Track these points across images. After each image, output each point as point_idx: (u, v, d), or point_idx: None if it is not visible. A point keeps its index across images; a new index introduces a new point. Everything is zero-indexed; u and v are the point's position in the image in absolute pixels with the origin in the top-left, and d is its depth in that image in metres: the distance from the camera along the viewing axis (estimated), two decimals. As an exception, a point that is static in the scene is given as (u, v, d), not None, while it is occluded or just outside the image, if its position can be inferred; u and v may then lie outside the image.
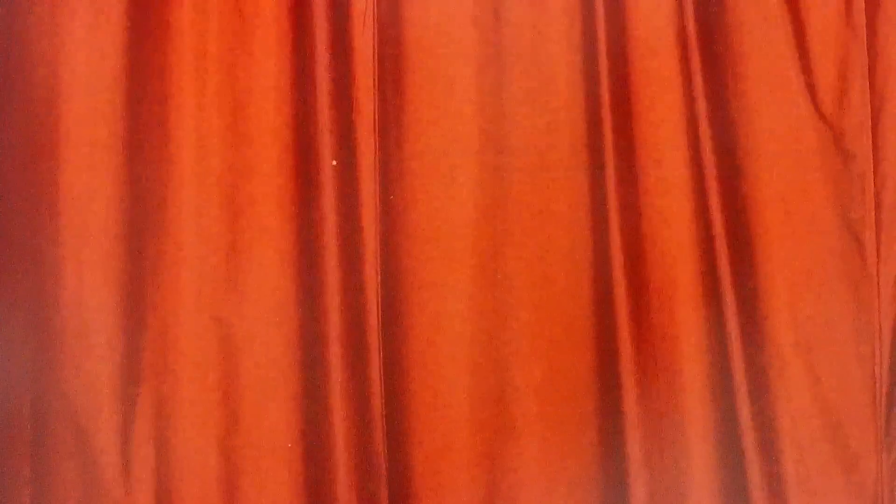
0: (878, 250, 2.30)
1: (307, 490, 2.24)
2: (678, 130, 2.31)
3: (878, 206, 2.31)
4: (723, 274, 2.29)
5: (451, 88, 2.32)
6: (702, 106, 2.31)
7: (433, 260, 2.30)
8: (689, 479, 2.27)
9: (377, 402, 2.26)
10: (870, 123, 2.32)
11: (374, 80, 2.29)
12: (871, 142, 2.31)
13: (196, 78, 2.26)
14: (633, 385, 2.27)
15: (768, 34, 2.33)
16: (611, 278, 2.29)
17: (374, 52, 2.30)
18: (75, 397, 2.21)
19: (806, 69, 2.33)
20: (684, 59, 2.32)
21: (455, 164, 2.31)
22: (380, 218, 2.28)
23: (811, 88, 2.33)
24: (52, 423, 2.20)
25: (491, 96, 2.33)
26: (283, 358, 2.25)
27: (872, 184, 2.31)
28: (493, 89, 2.33)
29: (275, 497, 2.23)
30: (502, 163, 2.32)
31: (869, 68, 2.33)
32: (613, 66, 2.31)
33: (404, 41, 2.32)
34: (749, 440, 2.26)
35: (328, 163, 2.27)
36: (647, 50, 2.31)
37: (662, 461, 2.27)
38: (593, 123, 2.31)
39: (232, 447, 2.23)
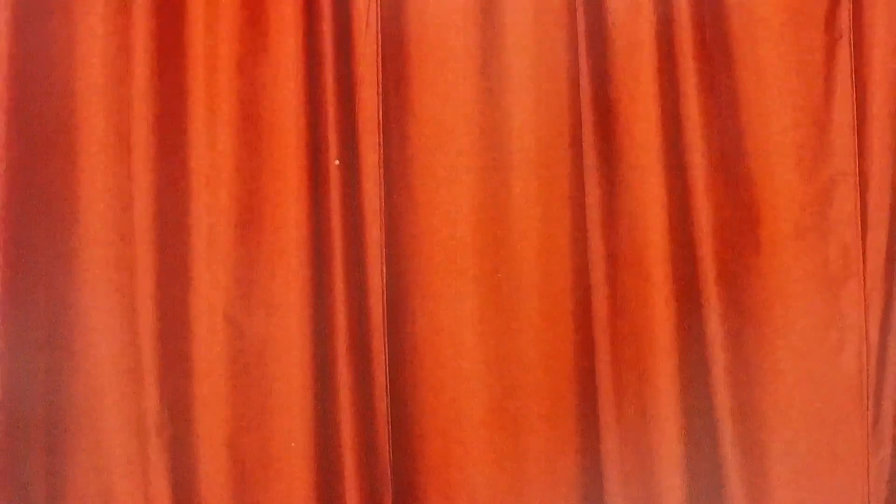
0: (863, 250, 2.34)
1: (313, 488, 2.26)
2: (676, 131, 2.33)
3: (863, 205, 2.35)
4: (711, 272, 2.32)
5: (453, 88, 2.33)
6: (697, 107, 2.33)
7: (434, 259, 2.32)
8: (664, 478, 2.31)
9: (382, 401, 2.29)
10: (855, 123, 2.35)
11: (377, 79, 2.30)
12: (856, 142, 2.35)
13: (209, 80, 2.26)
14: (611, 385, 2.30)
15: (758, 35, 2.35)
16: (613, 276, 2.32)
17: (377, 51, 2.31)
18: (88, 397, 2.23)
19: (794, 70, 2.36)
20: (682, 60, 2.34)
21: (456, 164, 2.32)
22: (382, 217, 2.30)
23: (799, 88, 2.36)
24: (65, 422, 2.22)
25: (492, 96, 2.34)
26: (290, 356, 2.26)
27: (858, 184, 2.34)
28: (494, 89, 2.34)
29: (281, 494, 2.25)
30: (503, 162, 2.34)
31: (854, 70, 2.36)
32: (615, 66, 2.33)
33: (406, 41, 2.33)
34: (738, 439, 2.31)
35: (333, 162, 2.28)
36: (647, 50, 2.33)
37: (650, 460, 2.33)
38: (595, 123, 2.33)
39: (241, 445, 2.26)
